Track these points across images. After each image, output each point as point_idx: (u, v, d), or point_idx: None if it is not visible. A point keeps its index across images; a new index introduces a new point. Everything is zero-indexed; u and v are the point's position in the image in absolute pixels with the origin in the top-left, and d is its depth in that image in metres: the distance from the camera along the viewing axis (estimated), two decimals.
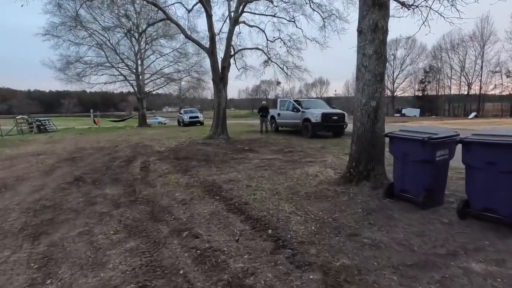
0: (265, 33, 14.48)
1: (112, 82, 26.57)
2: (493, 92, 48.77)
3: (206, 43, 12.52)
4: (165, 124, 33.91)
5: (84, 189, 4.93)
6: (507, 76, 44.25)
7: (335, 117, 12.27)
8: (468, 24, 48.34)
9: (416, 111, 53.82)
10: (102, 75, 24.14)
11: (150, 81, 27.33)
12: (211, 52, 11.31)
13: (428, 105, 58.44)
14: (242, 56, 14.85)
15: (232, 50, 12.61)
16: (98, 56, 23.56)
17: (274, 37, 14.98)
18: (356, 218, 3.44)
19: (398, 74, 59.02)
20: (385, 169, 4.57)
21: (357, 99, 4.50)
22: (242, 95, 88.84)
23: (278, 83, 79.39)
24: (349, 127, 12.78)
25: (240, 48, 13.47)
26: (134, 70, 25.53)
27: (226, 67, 11.76)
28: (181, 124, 26.15)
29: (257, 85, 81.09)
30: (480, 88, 48.78)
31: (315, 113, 12.11)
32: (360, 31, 4.36)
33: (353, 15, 12.66)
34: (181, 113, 27.63)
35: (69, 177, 5.81)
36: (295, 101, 13.60)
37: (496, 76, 46.66)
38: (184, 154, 8.29)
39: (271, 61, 14.26)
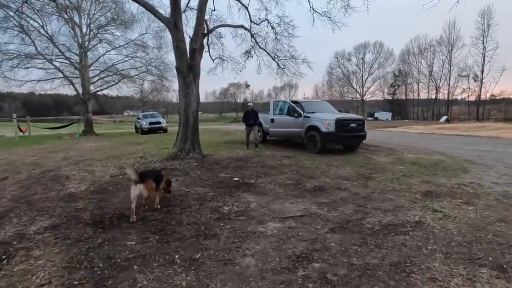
0: (248, 11, 10.70)
1: (49, 79, 20.96)
2: (461, 96, 49.78)
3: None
4: None
5: None
6: (475, 81, 45.10)
7: (354, 125, 8.81)
8: (436, 29, 49.01)
9: (388, 115, 53.54)
10: (27, 67, 18.50)
11: (99, 79, 22.06)
12: (174, 24, 7.20)
13: (398, 108, 58.86)
14: (221, 37, 10.83)
15: (205, 27, 8.63)
16: (22, 44, 17.95)
17: (259, 18, 11.27)
18: None
19: (367, 78, 58.83)
20: None
21: None
22: (210, 98, 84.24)
23: (247, 86, 76.29)
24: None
25: (216, 24, 9.47)
26: (78, 65, 20.21)
27: (197, 50, 7.74)
28: (139, 131, 21.31)
29: (225, 88, 77.37)
30: (449, 92, 49.59)
31: (326, 119, 8.54)
32: None
33: None
34: (139, 118, 22.65)
35: None
36: (293, 102, 9.96)
37: (463, 80, 47.57)
38: (119, 203, 4.15)
39: (259, 46, 10.41)
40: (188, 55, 7.66)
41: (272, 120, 10.05)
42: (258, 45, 10.35)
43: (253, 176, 5.82)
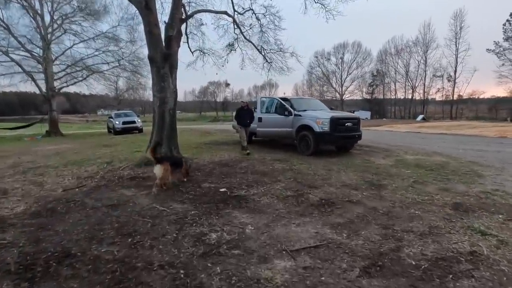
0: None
1: (7, 74, 18.76)
2: (435, 96, 51.43)
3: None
4: None
5: None
6: (449, 81, 46.66)
7: (349, 124, 8.08)
8: (412, 30, 50.34)
9: (367, 114, 54.26)
10: None
11: (65, 74, 19.98)
12: (145, 5, 6.05)
13: (376, 107, 59.97)
14: (202, 24, 9.70)
15: (183, 12, 7.52)
16: None
17: (243, 8, 10.30)
18: None
19: (346, 77, 59.42)
20: None
21: None
22: (189, 97, 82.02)
23: (227, 84, 74.98)
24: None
25: (196, 9, 8.34)
26: (41, 59, 18.16)
27: (174, 37, 6.63)
28: (112, 131, 19.63)
29: (204, 87, 75.63)
30: (424, 91, 51.08)
31: (320, 118, 7.74)
32: None
33: None
34: (111, 117, 20.89)
35: None
36: (282, 99, 9.07)
37: (437, 80, 49.10)
38: (65, 233, 3.04)
39: (244, 37, 9.40)
40: (163, 43, 6.55)
41: (260, 119, 9.10)
42: (243, 35, 9.37)
43: (243, 185, 4.86)
